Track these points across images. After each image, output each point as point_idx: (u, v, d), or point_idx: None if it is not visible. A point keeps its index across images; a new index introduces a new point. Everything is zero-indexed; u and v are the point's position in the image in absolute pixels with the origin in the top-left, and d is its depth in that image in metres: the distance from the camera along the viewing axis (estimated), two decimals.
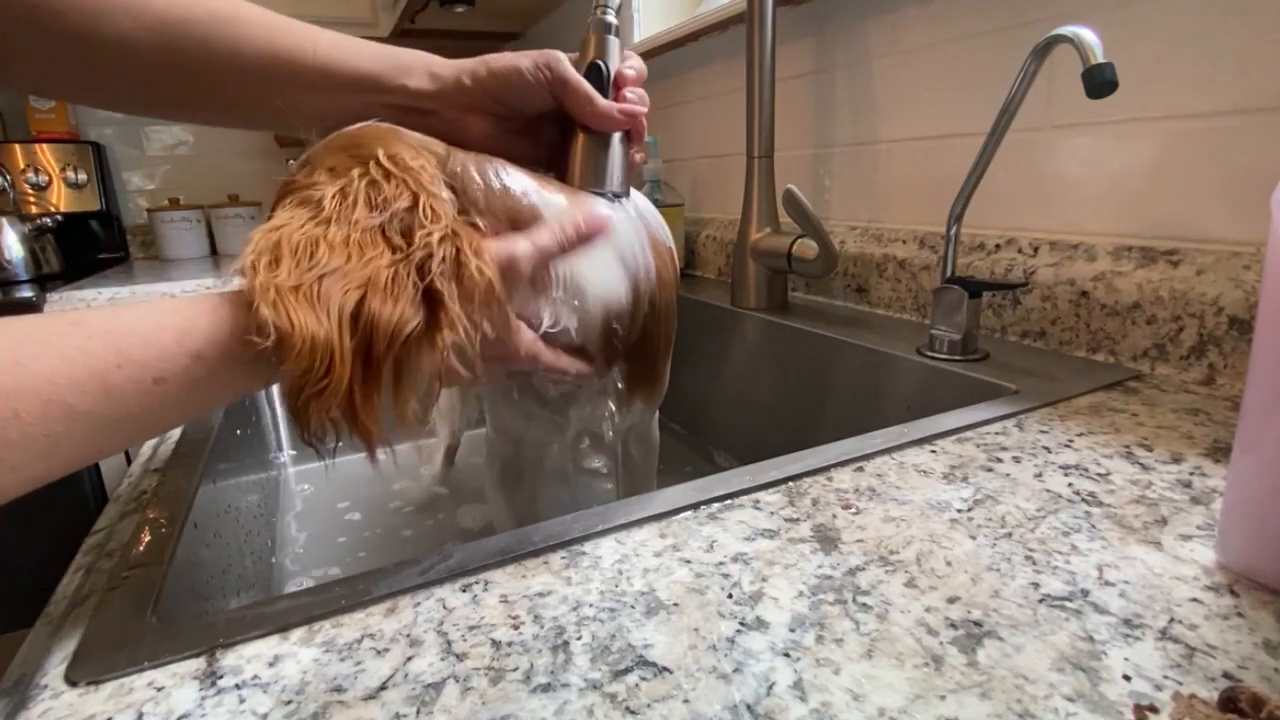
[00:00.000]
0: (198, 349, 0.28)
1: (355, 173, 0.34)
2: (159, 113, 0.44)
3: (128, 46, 0.38)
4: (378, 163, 0.34)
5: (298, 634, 0.29)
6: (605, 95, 0.45)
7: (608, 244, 0.47)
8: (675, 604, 0.30)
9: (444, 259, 0.32)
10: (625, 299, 0.47)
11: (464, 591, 0.31)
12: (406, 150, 0.36)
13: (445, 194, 0.35)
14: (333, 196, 0.32)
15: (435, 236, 0.32)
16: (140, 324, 0.28)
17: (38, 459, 0.25)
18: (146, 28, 0.38)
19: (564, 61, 0.43)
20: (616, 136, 0.46)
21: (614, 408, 0.56)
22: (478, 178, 0.38)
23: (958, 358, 0.63)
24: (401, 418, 0.32)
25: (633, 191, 0.58)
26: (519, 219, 0.39)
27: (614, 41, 0.45)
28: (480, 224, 0.37)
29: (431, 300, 0.31)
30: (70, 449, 0.26)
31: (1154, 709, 0.23)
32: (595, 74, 0.44)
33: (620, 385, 0.54)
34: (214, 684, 0.26)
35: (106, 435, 0.27)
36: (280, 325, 0.28)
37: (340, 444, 0.31)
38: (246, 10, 0.41)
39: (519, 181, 0.40)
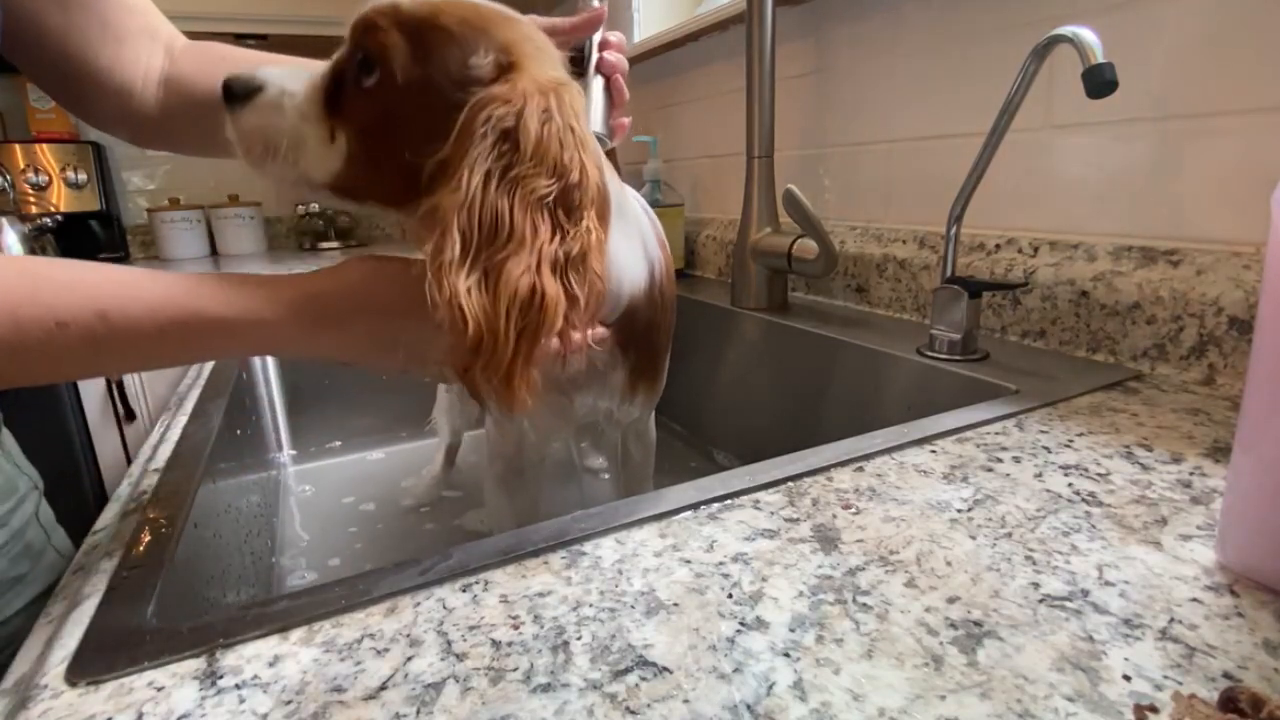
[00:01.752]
0: (103, 309, 0.32)
1: (552, 108, 0.35)
2: None
3: None
4: (566, 101, 0.36)
5: (298, 634, 0.29)
6: (587, 61, 0.51)
7: (637, 233, 0.50)
8: (675, 604, 0.30)
9: (584, 257, 0.35)
10: (643, 284, 0.50)
11: (464, 591, 0.31)
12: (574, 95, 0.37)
13: (595, 162, 0.37)
14: (532, 146, 0.34)
15: (593, 238, 0.35)
16: (68, 273, 0.33)
17: None
18: None
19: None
20: (597, 86, 0.51)
21: (618, 400, 0.56)
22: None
23: (958, 358, 0.63)
24: (527, 391, 0.34)
25: (633, 192, 0.59)
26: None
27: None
28: None
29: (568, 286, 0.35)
30: None
31: (1154, 709, 0.23)
32: (576, 57, 0.50)
33: (625, 377, 0.54)
34: (214, 684, 0.26)
35: (12, 360, 0.32)
36: (453, 317, 0.32)
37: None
38: (305, 67, 0.51)
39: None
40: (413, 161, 0.37)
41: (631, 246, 0.49)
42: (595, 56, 0.51)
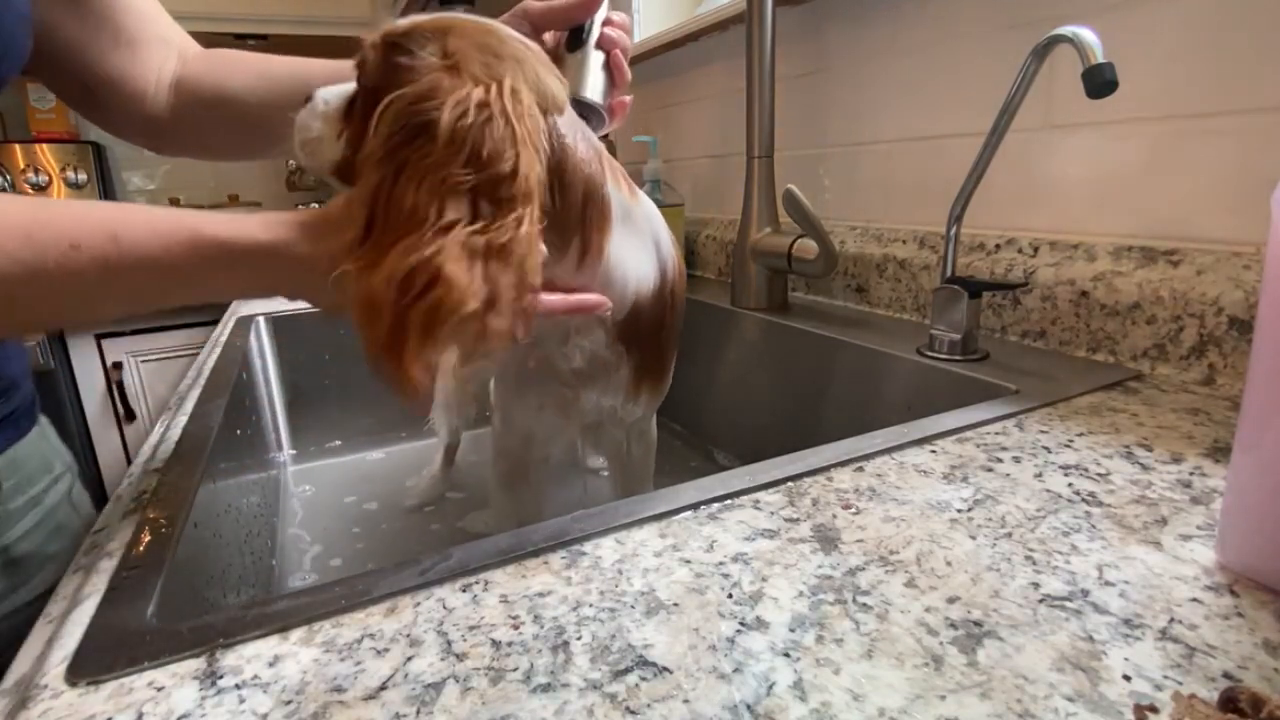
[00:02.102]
0: (113, 231, 0.34)
1: (474, 101, 0.35)
2: (262, 150, 0.57)
3: (241, 94, 0.54)
4: (498, 96, 0.36)
5: (298, 634, 0.29)
6: (586, 43, 0.52)
7: (648, 234, 0.51)
8: (675, 604, 0.30)
9: (508, 248, 0.34)
10: (652, 285, 0.51)
11: (464, 591, 0.31)
12: (525, 87, 0.38)
13: (541, 159, 0.38)
14: (446, 136, 0.34)
15: (523, 230, 0.35)
16: (81, 205, 0.34)
17: None
18: (250, 80, 0.54)
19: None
20: (596, 60, 0.52)
21: (622, 398, 0.56)
22: (568, 138, 0.42)
23: (958, 358, 0.63)
24: (420, 372, 0.33)
25: (644, 197, 0.60)
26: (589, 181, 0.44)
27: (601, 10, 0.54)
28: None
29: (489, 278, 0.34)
30: None
31: (1154, 709, 0.23)
32: (577, 31, 0.52)
33: (630, 375, 0.55)
34: (214, 684, 0.26)
35: (30, 285, 0.32)
36: (336, 301, 0.35)
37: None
38: (305, 64, 0.56)
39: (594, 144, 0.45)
40: None
41: (641, 246, 0.50)
42: (596, 32, 0.52)
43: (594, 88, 0.52)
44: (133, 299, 0.37)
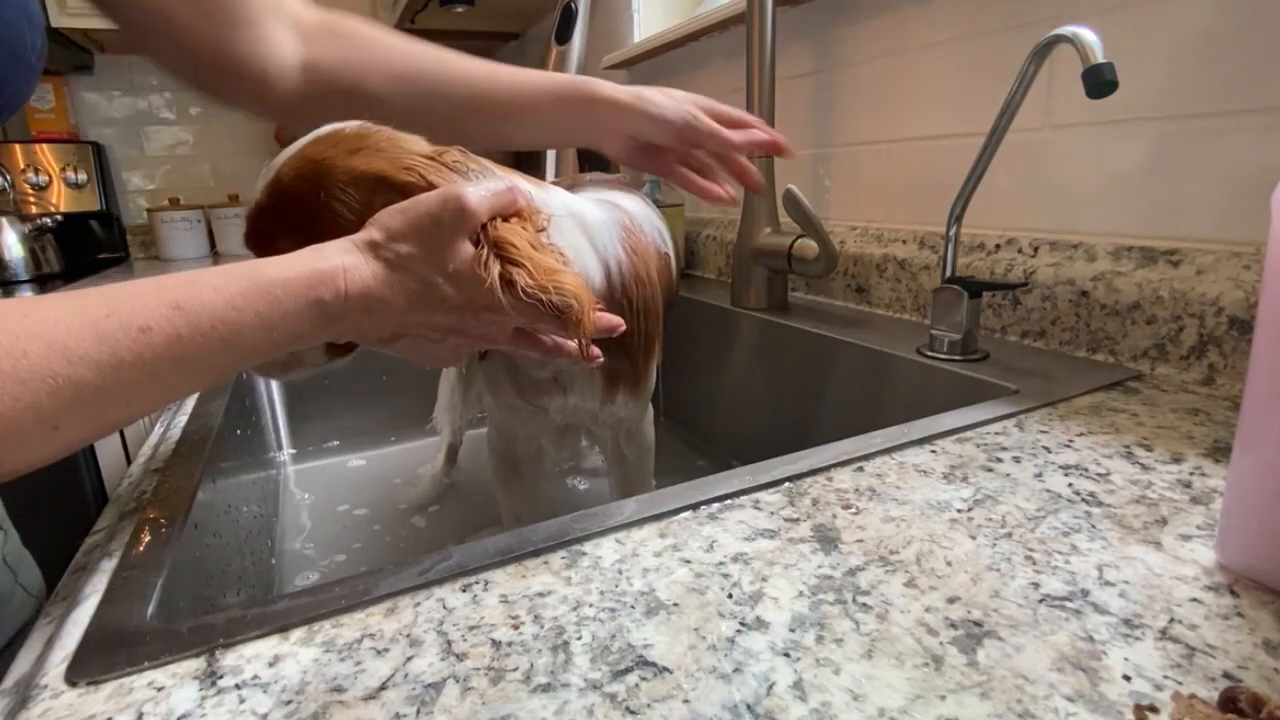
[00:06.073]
0: (175, 300, 0.32)
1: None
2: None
3: (381, 95, 0.55)
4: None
5: (298, 634, 0.29)
6: (571, 39, 0.59)
7: (580, 230, 0.51)
8: (675, 604, 0.30)
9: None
10: (595, 284, 0.50)
11: (464, 591, 0.31)
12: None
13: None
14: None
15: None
16: (132, 284, 0.32)
17: (48, 399, 0.28)
18: (391, 81, 0.56)
19: (701, 120, 0.63)
20: (576, 53, 0.63)
21: (598, 402, 0.56)
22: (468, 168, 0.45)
23: (958, 358, 0.63)
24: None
25: (634, 200, 0.61)
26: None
27: None
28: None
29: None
30: (74, 393, 0.29)
31: (1154, 709, 0.23)
32: (567, 13, 0.58)
33: (601, 379, 0.55)
34: (214, 684, 0.26)
35: (113, 384, 0.30)
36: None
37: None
38: (451, 64, 0.57)
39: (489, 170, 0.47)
40: None
41: (570, 241, 0.49)
42: (581, 30, 0.60)
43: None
44: (211, 368, 0.34)
